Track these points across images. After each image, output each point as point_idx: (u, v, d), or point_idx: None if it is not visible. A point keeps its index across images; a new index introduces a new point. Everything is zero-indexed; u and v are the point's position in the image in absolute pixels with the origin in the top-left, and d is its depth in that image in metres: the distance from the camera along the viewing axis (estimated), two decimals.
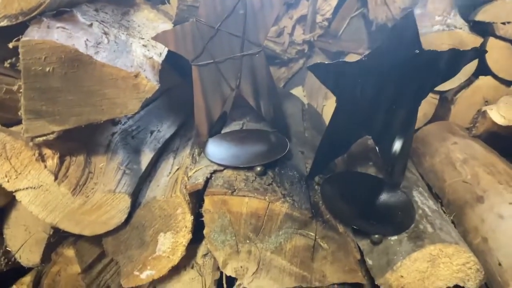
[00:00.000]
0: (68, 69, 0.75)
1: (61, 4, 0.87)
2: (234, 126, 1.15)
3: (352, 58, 1.79)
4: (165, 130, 1.12)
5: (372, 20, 1.71)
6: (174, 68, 1.40)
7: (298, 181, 0.97)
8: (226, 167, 0.94)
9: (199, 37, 0.98)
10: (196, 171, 0.95)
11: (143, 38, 1.04)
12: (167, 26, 1.22)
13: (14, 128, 0.88)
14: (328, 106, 1.68)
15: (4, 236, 0.99)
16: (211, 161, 0.96)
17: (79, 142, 0.89)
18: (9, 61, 0.95)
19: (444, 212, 1.05)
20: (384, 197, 0.95)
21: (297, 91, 1.73)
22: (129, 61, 0.84)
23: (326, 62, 0.86)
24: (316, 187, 1.00)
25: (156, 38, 0.96)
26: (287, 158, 1.02)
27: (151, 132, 1.06)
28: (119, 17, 1.14)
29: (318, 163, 0.98)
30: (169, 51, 1.04)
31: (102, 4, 1.16)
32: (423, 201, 0.98)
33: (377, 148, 0.96)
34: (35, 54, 0.73)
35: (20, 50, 0.72)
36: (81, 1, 1.03)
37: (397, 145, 0.94)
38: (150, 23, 1.18)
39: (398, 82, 0.87)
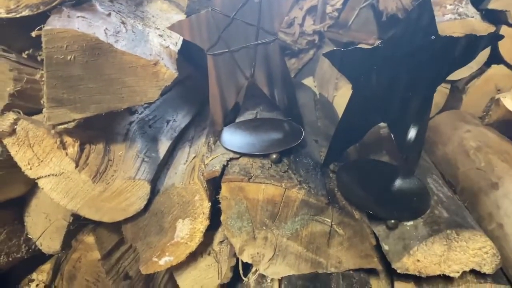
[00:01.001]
0: (89, 57, 0.77)
1: None
2: (248, 115, 1.16)
3: (362, 47, 1.78)
4: (181, 120, 1.13)
5: (382, 11, 1.71)
6: (188, 58, 1.41)
7: (313, 169, 0.98)
8: (242, 154, 0.95)
9: (214, 26, 0.99)
10: (212, 159, 0.97)
11: (159, 29, 1.05)
12: (180, 17, 1.23)
13: (35, 117, 0.90)
14: (338, 97, 1.68)
15: (25, 224, 1.01)
16: (227, 149, 0.97)
17: (98, 131, 0.90)
18: (27, 52, 0.97)
19: (458, 199, 1.05)
20: (399, 183, 0.96)
21: (308, 82, 1.74)
22: (147, 50, 0.85)
23: (342, 49, 0.86)
24: (331, 174, 1.01)
25: (172, 28, 0.97)
26: (301, 146, 1.03)
27: (167, 122, 1.07)
28: (133, 7, 1.15)
29: (333, 151, 0.99)
30: (183, 41, 1.05)
31: None
32: (437, 187, 0.99)
33: (392, 134, 0.96)
34: (57, 42, 0.74)
35: (42, 39, 0.74)
36: None
37: (412, 132, 0.94)
38: (164, 13, 1.19)
39: (413, 69, 0.87)
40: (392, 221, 0.88)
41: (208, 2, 1.60)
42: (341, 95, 1.69)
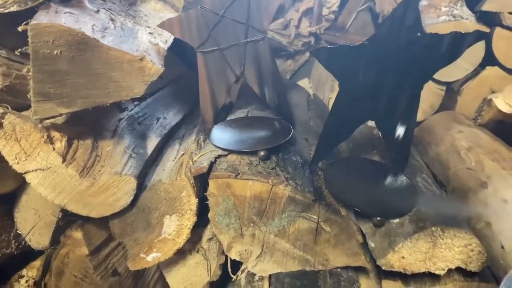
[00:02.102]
0: (75, 52, 0.77)
1: None
2: (239, 113, 1.17)
3: None
4: (171, 118, 1.13)
5: (378, 13, 1.71)
6: (181, 57, 1.42)
7: (302, 166, 0.98)
8: (230, 151, 0.96)
9: (204, 24, 0.99)
10: (201, 156, 0.97)
11: (150, 27, 1.06)
12: (173, 16, 1.23)
13: (24, 113, 0.90)
14: (334, 98, 1.68)
15: (14, 219, 1.02)
16: (216, 146, 0.97)
17: (86, 127, 0.91)
18: (19, 49, 0.98)
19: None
20: (386, 181, 0.96)
21: (303, 83, 1.74)
22: (134, 46, 0.86)
23: (329, 46, 0.86)
24: (319, 172, 1.01)
25: (162, 25, 0.98)
26: (290, 144, 1.03)
27: (157, 119, 1.08)
28: (126, 7, 1.16)
29: (321, 148, 0.99)
30: (175, 41, 1.05)
31: None
32: (426, 186, 0.99)
33: (380, 132, 0.96)
34: (43, 37, 0.75)
35: (29, 33, 0.75)
36: None
37: (400, 130, 0.94)
38: (157, 13, 1.20)
39: (400, 66, 0.87)
40: (378, 218, 0.88)
41: (203, 2, 1.62)
42: None
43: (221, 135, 1.02)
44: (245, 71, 1.05)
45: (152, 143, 1.00)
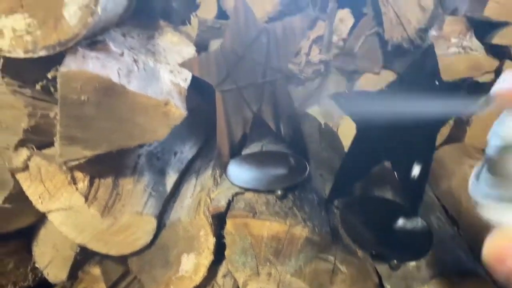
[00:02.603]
0: (102, 97, 0.79)
1: (94, 32, 0.91)
2: (254, 147, 1.18)
3: (367, 77, 1.80)
4: (188, 151, 1.15)
5: (387, 40, 1.73)
6: (196, 88, 1.44)
7: (318, 205, 0.99)
8: (247, 190, 0.97)
9: (223, 63, 1.02)
10: (218, 193, 0.98)
11: (169, 64, 1.08)
12: (190, 49, 1.26)
13: (46, 151, 0.92)
14: (344, 126, 1.70)
15: (32, 253, 1.03)
16: (233, 184, 0.99)
17: (107, 164, 0.93)
18: (40, 83, 1.00)
19: (460, 235, 1.06)
20: (402, 222, 0.97)
21: (313, 110, 1.75)
22: (158, 89, 0.88)
23: (347, 91, 0.88)
24: (335, 210, 1.02)
25: (182, 65, 1.00)
26: (306, 181, 1.04)
27: (175, 154, 1.10)
28: (145, 41, 1.18)
29: (337, 188, 1.00)
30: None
31: (128, 28, 1.21)
32: (440, 225, 1.00)
33: (395, 173, 0.98)
34: (72, 83, 0.77)
35: (58, 80, 0.77)
36: (109, 27, 1.08)
37: (416, 171, 0.96)
38: (174, 46, 1.23)
39: (418, 112, 0.89)
40: (395, 261, 0.89)
41: (216, 31, 1.64)
42: (346, 124, 1.70)
43: (238, 172, 1.03)
44: (262, 108, 1.07)
45: (170, 179, 1.02)
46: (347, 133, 1.66)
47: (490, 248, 0.41)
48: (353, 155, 0.95)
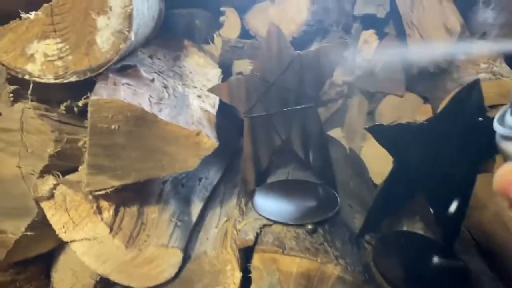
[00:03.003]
0: (133, 126, 0.76)
1: (123, 55, 0.89)
2: (280, 174, 1.15)
3: (391, 99, 1.77)
4: (212, 177, 1.12)
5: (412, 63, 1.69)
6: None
7: (349, 240, 0.95)
8: (276, 222, 0.93)
9: (253, 90, 0.99)
10: (245, 224, 0.94)
11: (196, 87, 1.06)
12: (216, 71, 1.24)
13: (71, 176, 0.89)
14: (366, 148, 1.66)
15: (51, 279, 1.00)
16: (260, 215, 0.95)
17: (132, 192, 0.90)
18: (65, 104, 0.98)
19: (492, 271, 1.00)
20: (438, 261, 0.92)
21: (336, 133, 1.72)
22: (189, 117, 0.85)
23: (385, 124, 0.85)
24: (366, 245, 0.97)
25: (211, 90, 0.98)
26: (336, 213, 1.00)
27: (199, 180, 1.06)
28: (171, 62, 1.16)
29: (369, 222, 0.96)
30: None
31: (154, 49, 1.19)
32: (476, 264, 0.95)
33: (431, 209, 0.93)
34: (103, 112, 0.74)
35: (89, 108, 0.74)
36: (137, 48, 1.06)
37: (453, 208, 0.91)
38: (200, 69, 1.20)
39: (459, 147, 0.85)
40: None
41: (240, 51, 1.62)
42: (368, 146, 1.66)
43: (264, 202, 0.99)
44: (291, 136, 1.03)
45: (196, 208, 0.98)
46: (370, 155, 1.62)
47: (502, 174, 0.39)
48: (388, 189, 0.90)
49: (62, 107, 0.98)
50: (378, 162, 1.57)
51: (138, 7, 0.81)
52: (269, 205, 0.98)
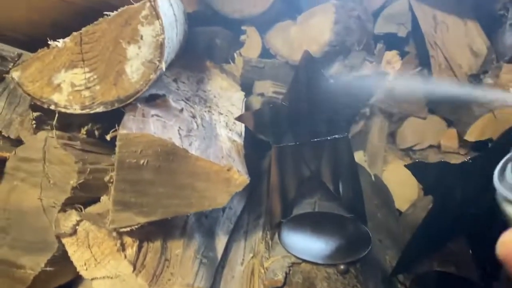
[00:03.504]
0: (162, 162, 0.73)
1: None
2: (306, 205, 1.09)
3: (412, 120, 1.73)
4: (236, 206, 1.07)
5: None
6: None
7: (382, 281, 0.89)
8: (305, 261, 0.88)
9: (282, 119, 0.95)
10: (272, 262, 0.90)
11: (222, 114, 1.02)
12: (239, 95, 1.20)
13: (92, 208, 0.85)
14: (388, 171, 1.61)
15: None
16: (289, 252, 0.90)
17: (156, 226, 0.85)
18: (85, 127, 0.95)
19: None
20: None
21: (358, 156, 1.67)
22: (218, 149, 0.81)
23: (426, 162, 0.80)
24: (400, 286, 0.92)
25: (239, 119, 0.94)
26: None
27: (223, 210, 1.02)
28: (195, 86, 1.13)
29: (403, 262, 0.91)
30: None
31: (178, 71, 1.16)
32: None
33: (470, 249, 0.88)
34: (131, 147, 0.71)
35: (117, 142, 0.70)
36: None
37: (496, 251, 0.85)
38: (224, 92, 1.17)
39: None
40: None
41: (260, 71, 1.59)
42: (390, 170, 1.61)
43: (292, 237, 0.95)
44: (321, 167, 0.99)
45: (220, 243, 0.94)
46: (391, 179, 1.57)
47: (505, 243, 0.40)
48: (426, 229, 0.85)
49: (83, 131, 0.95)
50: (401, 187, 1.52)
51: (169, 35, 0.78)
52: (297, 241, 0.93)
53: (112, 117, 0.78)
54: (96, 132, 0.97)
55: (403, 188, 1.53)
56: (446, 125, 1.62)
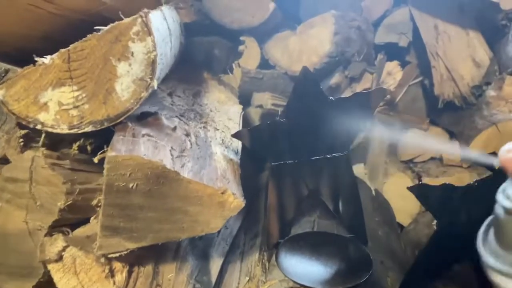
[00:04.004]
0: (152, 185, 0.69)
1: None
2: (305, 223, 1.06)
3: (414, 132, 1.69)
4: (232, 225, 1.03)
5: (437, 96, 1.61)
6: None
7: None
8: (303, 286, 0.84)
9: (280, 137, 0.91)
10: (269, 286, 0.86)
11: (218, 129, 0.99)
12: (237, 108, 1.17)
13: (81, 230, 0.82)
14: (388, 184, 1.57)
15: None
16: (287, 276, 0.86)
17: (148, 249, 0.81)
18: (77, 143, 0.92)
19: None
20: None
21: (358, 169, 1.63)
22: (213, 170, 0.77)
23: (430, 185, 0.76)
24: None
25: (235, 136, 0.90)
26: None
27: (218, 230, 0.98)
28: (191, 99, 1.10)
29: (407, 286, 0.87)
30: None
31: (173, 84, 1.12)
32: None
33: (477, 276, 0.84)
34: (120, 170, 0.67)
35: (105, 165, 0.67)
36: None
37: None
38: (222, 106, 1.13)
39: None
40: None
41: (259, 82, 1.55)
42: (391, 183, 1.58)
43: (290, 259, 0.91)
44: (320, 186, 0.95)
45: (215, 265, 0.90)
46: (392, 192, 1.53)
47: (507, 150, 0.45)
48: (430, 253, 0.82)
49: (75, 146, 0.91)
50: (402, 200, 1.48)
51: (161, 51, 0.75)
52: (295, 263, 0.89)
53: (106, 131, 0.75)
54: (89, 148, 0.93)
55: (404, 201, 1.49)
56: (448, 137, 1.58)
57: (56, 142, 0.88)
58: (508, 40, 1.57)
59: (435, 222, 0.96)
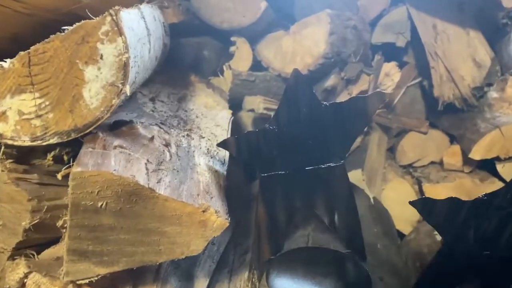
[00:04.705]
0: (124, 204, 0.62)
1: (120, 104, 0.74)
2: (299, 237, 0.98)
3: (413, 135, 1.63)
4: (220, 241, 0.96)
5: (437, 98, 1.55)
6: None
7: None
8: None
9: (269, 146, 0.84)
10: None
11: (204, 137, 0.91)
12: (226, 114, 1.09)
13: (47, 252, 0.74)
14: (387, 190, 1.51)
15: None
16: None
17: (125, 271, 0.74)
18: (52, 153, 0.84)
19: None
20: None
21: (356, 175, 1.56)
22: (194, 185, 0.70)
23: (434, 199, 0.69)
24: None
25: (220, 145, 0.83)
26: None
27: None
28: (175, 105, 1.02)
29: None
30: None
31: (157, 88, 1.05)
32: None
33: None
34: (87, 187, 0.60)
35: (70, 182, 0.59)
36: (137, 90, 0.92)
37: None
38: (209, 111, 1.06)
39: None
40: None
41: (251, 85, 1.49)
42: (390, 189, 1.52)
43: (282, 279, 0.84)
44: (314, 198, 0.88)
45: (200, 286, 0.82)
46: (391, 198, 1.47)
47: None
48: (434, 271, 0.75)
49: (49, 157, 0.83)
50: (401, 206, 1.42)
51: (136, 53, 0.67)
52: (287, 283, 0.82)
53: None
54: (65, 157, 0.85)
55: (404, 208, 1.42)
56: (449, 141, 1.52)
57: (25, 153, 0.80)
58: (510, 40, 1.51)
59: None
